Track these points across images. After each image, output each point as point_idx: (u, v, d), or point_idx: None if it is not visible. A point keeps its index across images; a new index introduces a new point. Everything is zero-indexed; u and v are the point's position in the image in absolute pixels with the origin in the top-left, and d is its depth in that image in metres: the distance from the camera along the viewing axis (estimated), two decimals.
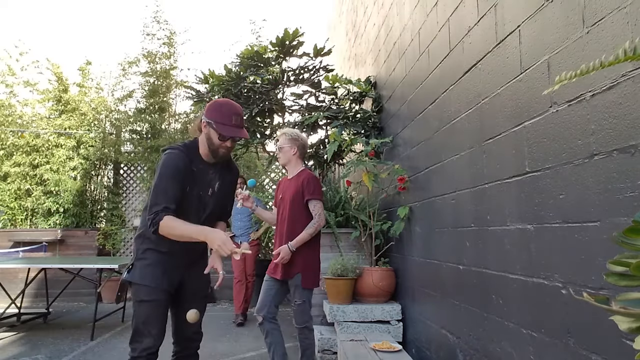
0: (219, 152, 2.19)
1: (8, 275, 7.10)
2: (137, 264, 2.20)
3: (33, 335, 5.02)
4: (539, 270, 1.80)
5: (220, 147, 2.18)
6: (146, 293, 2.15)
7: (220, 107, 2.19)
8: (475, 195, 2.40)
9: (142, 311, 2.16)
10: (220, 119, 2.14)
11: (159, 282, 2.17)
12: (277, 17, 25.17)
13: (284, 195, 3.23)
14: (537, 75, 1.82)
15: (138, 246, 2.24)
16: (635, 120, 1.32)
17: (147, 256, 2.20)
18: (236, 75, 4.99)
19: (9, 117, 8.31)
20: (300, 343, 3.16)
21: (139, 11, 24.13)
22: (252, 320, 5.92)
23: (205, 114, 2.19)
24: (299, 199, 3.13)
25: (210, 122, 2.15)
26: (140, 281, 2.16)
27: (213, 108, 2.19)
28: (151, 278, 2.16)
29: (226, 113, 2.16)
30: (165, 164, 2.12)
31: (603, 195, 1.45)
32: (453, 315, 2.70)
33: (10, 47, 9.70)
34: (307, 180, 3.15)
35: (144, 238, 2.21)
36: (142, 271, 2.17)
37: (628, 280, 0.72)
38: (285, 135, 3.26)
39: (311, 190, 3.13)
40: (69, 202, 8.02)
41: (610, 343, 1.40)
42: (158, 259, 2.19)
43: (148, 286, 2.15)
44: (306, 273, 3.11)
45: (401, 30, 3.81)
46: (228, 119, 2.14)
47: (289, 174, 3.33)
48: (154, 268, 2.18)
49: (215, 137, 2.15)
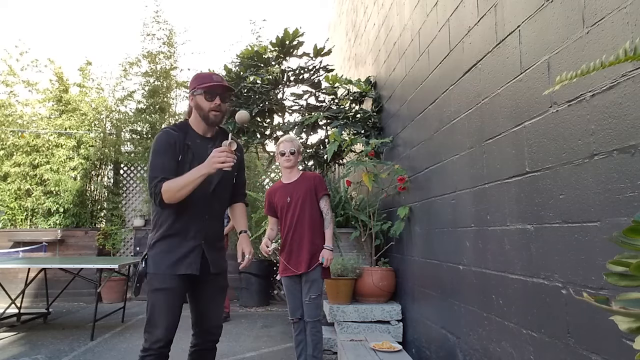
0: (211, 115, 2.21)
1: (8, 275, 7.10)
2: (150, 253, 2.19)
3: (33, 335, 5.01)
4: (539, 270, 1.80)
5: (210, 110, 2.20)
6: (160, 281, 2.13)
7: (198, 75, 2.29)
8: (475, 195, 2.40)
9: (154, 300, 2.14)
10: (201, 82, 2.22)
11: (174, 269, 2.14)
12: (277, 17, 25.17)
13: (292, 198, 3.31)
14: (537, 75, 1.82)
15: (151, 237, 2.24)
16: (635, 120, 1.32)
17: (159, 245, 2.18)
18: (236, 75, 4.99)
19: (9, 117, 8.31)
20: (312, 337, 3.19)
21: (139, 11, 24.12)
22: (253, 320, 5.92)
23: (189, 90, 2.27)
24: (312, 197, 3.31)
25: (194, 90, 2.22)
26: (153, 270, 2.14)
27: (193, 80, 2.28)
28: (164, 265, 2.14)
29: (205, 76, 2.26)
30: (156, 142, 2.16)
31: (603, 195, 1.45)
32: (453, 315, 2.70)
33: (10, 47, 9.71)
34: (319, 178, 3.40)
35: (155, 230, 2.22)
36: (154, 259, 2.16)
37: (628, 280, 0.72)
38: (295, 140, 3.40)
39: (324, 186, 3.38)
40: (69, 202, 8.02)
41: (610, 343, 1.40)
42: (170, 247, 2.16)
43: (161, 274, 2.13)
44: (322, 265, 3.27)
45: (401, 30, 3.81)
46: (208, 79, 2.22)
47: (289, 178, 3.38)
48: (166, 255, 2.15)
49: (203, 100, 2.20)
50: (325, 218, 3.34)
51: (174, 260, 2.14)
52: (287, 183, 3.38)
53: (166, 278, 2.13)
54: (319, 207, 3.34)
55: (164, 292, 2.13)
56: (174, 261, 2.14)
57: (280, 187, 3.41)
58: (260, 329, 5.39)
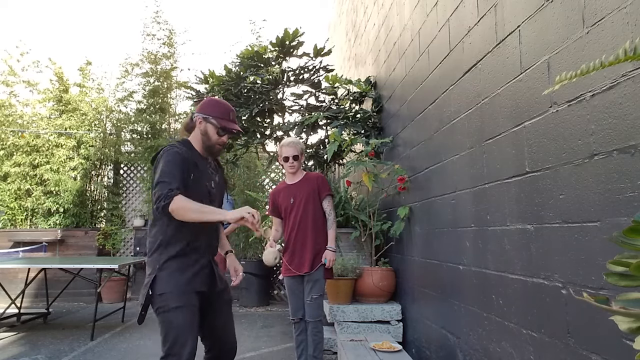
0: (215, 148, 2.19)
1: (8, 275, 7.10)
2: (160, 274, 2.03)
3: (33, 335, 5.02)
4: (539, 270, 1.80)
5: (217, 143, 2.18)
6: (177, 299, 2.00)
7: (217, 103, 2.23)
8: (475, 195, 2.40)
9: (173, 319, 1.99)
10: (219, 113, 2.17)
11: (191, 286, 2.04)
12: (277, 17, 25.17)
13: (295, 199, 3.34)
14: (537, 75, 1.82)
15: (156, 259, 2.08)
16: (635, 120, 1.32)
17: (170, 265, 2.05)
18: (236, 75, 4.99)
19: (9, 117, 8.31)
20: (313, 337, 3.22)
21: (139, 12, 24.13)
22: (253, 320, 5.92)
23: (201, 111, 2.19)
24: (315, 198, 3.35)
25: (207, 117, 2.16)
26: (168, 288, 2.01)
27: (210, 104, 2.20)
28: (181, 283, 2.03)
29: (224, 109, 2.20)
30: (169, 155, 2.05)
31: (603, 195, 1.45)
32: (453, 315, 2.70)
33: (11, 47, 9.71)
34: (322, 179, 3.44)
35: (162, 250, 2.08)
36: (168, 279, 2.02)
37: (628, 280, 0.72)
38: (297, 144, 3.38)
39: (327, 187, 3.41)
40: (69, 202, 8.02)
41: (610, 343, 1.40)
42: (184, 265, 2.06)
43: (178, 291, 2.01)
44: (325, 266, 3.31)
45: (401, 30, 3.81)
46: (226, 114, 2.18)
47: (292, 179, 3.41)
48: (182, 273, 2.05)
49: (214, 132, 2.16)
50: (328, 218, 3.37)
51: (190, 277, 2.06)
52: (290, 184, 3.41)
53: (184, 295, 2.02)
54: (322, 208, 3.37)
55: (184, 310, 2.00)
56: (189, 278, 2.05)
57: (284, 188, 3.43)
58: (260, 329, 5.39)
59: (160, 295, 2.01)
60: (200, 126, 2.17)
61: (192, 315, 2.03)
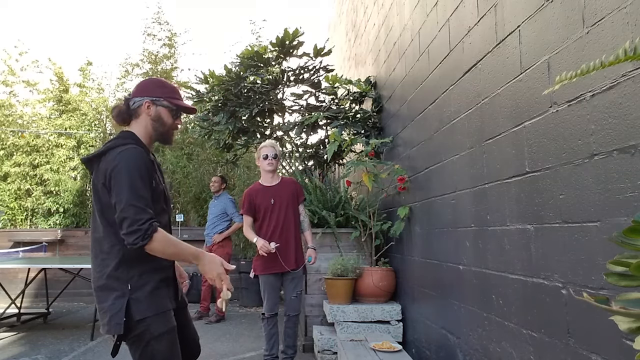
0: (170, 134, 1.90)
1: (8, 275, 7.10)
2: (135, 296, 1.70)
3: (33, 335, 5.02)
4: (539, 270, 1.80)
5: (172, 128, 1.90)
6: (163, 322, 1.74)
7: (162, 82, 1.94)
8: (475, 195, 2.40)
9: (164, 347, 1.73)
10: (169, 93, 1.88)
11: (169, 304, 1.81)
12: (277, 17, 25.17)
13: (276, 200, 3.53)
14: (537, 75, 1.82)
15: (122, 277, 1.71)
16: (635, 120, 1.32)
17: (144, 284, 1.73)
18: (236, 75, 4.98)
19: (9, 117, 8.32)
20: (290, 330, 3.56)
21: (140, 12, 24.13)
22: (253, 320, 5.91)
23: (145, 94, 1.85)
24: (294, 202, 3.60)
25: (157, 99, 1.84)
26: (151, 312, 1.71)
27: (155, 84, 1.90)
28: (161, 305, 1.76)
29: (171, 87, 1.92)
30: (131, 159, 1.69)
31: (603, 195, 1.45)
32: (453, 315, 2.70)
33: (10, 47, 9.71)
34: (299, 184, 3.76)
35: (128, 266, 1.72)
36: (148, 301, 1.71)
37: (628, 280, 0.72)
38: (276, 146, 3.65)
39: (303, 192, 3.71)
40: (69, 202, 8.03)
41: (610, 343, 1.40)
42: (157, 282, 1.77)
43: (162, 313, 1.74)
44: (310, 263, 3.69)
45: (401, 30, 3.81)
46: (176, 92, 1.92)
47: (269, 181, 3.61)
48: (158, 291, 1.76)
49: (168, 115, 1.86)
50: (304, 221, 3.67)
51: (165, 294, 1.80)
52: (268, 185, 3.60)
53: (168, 316, 1.77)
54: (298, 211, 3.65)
55: (167, 336, 1.74)
56: (165, 295, 1.80)
57: (262, 189, 3.60)
58: (260, 329, 5.38)
59: (139, 321, 1.68)
60: (149, 111, 1.83)
61: (175, 340, 1.79)
